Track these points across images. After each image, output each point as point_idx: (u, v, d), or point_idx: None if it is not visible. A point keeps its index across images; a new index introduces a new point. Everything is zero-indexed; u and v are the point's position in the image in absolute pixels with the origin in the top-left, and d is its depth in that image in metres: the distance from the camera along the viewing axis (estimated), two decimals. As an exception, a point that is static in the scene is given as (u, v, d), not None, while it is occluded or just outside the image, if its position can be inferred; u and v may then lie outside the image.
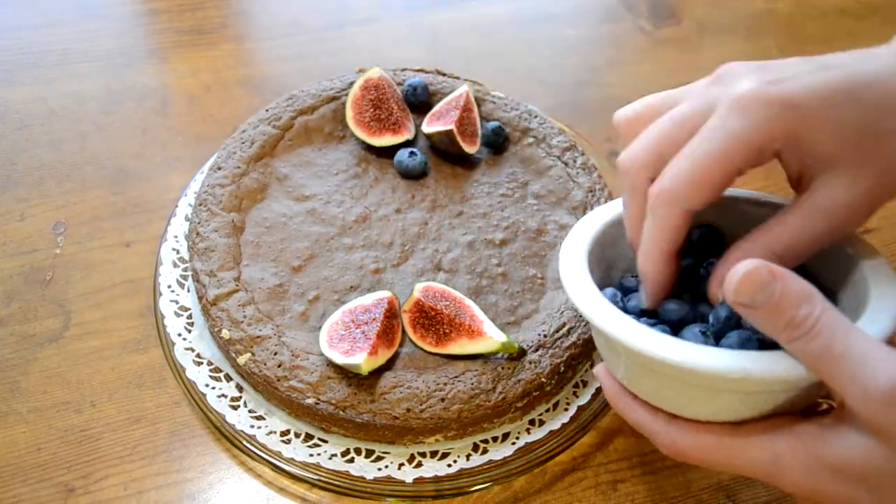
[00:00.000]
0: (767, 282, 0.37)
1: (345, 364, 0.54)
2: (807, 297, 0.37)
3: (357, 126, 0.70)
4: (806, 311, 0.37)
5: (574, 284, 0.46)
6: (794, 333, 0.37)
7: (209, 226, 0.63)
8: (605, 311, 0.44)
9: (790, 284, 0.37)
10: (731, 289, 0.37)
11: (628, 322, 0.42)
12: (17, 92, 0.83)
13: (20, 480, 0.56)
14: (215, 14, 0.93)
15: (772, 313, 0.37)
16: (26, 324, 0.64)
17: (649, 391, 0.45)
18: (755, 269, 0.37)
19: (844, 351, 0.36)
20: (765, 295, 0.37)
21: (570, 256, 0.48)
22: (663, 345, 0.40)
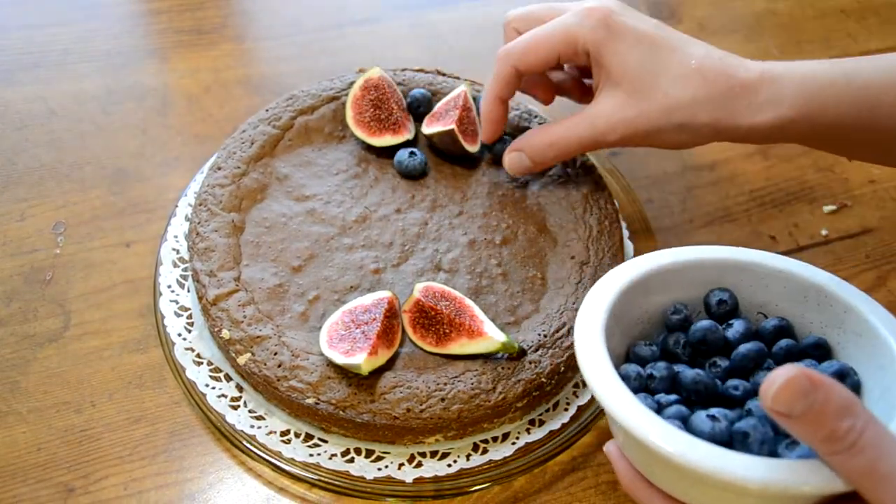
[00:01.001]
0: (807, 391, 0.35)
1: (345, 364, 0.54)
2: (849, 410, 0.35)
3: (357, 126, 0.70)
4: (848, 424, 0.35)
5: (589, 363, 0.44)
6: (835, 447, 0.35)
7: (209, 226, 0.63)
8: (623, 400, 0.42)
9: (832, 394, 0.35)
10: (770, 396, 0.35)
11: (646, 415, 0.41)
12: (17, 92, 0.83)
13: (20, 480, 0.56)
14: (215, 14, 0.93)
15: (812, 424, 0.35)
16: (26, 324, 0.64)
17: (669, 485, 0.43)
18: (795, 377, 0.35)
19: (891, 471, 0.34)
20: (805, 405, 0.35)
21: (585, 331, 0.46)
22: (686, 447, 0.39)
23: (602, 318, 0.46)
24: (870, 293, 0.69)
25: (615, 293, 0.48)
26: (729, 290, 0.51)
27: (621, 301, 0.48)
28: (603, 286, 0.49)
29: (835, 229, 0.75)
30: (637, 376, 0.46)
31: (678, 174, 0.79)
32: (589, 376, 0.43)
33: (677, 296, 0.51)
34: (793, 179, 0.79)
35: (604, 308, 0.47)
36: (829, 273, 0.49)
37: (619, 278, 0.49)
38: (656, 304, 0.51)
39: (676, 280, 0.51)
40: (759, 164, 0.80)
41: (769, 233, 0.74)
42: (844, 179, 0.79)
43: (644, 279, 0.49)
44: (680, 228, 0.74)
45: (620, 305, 0.48)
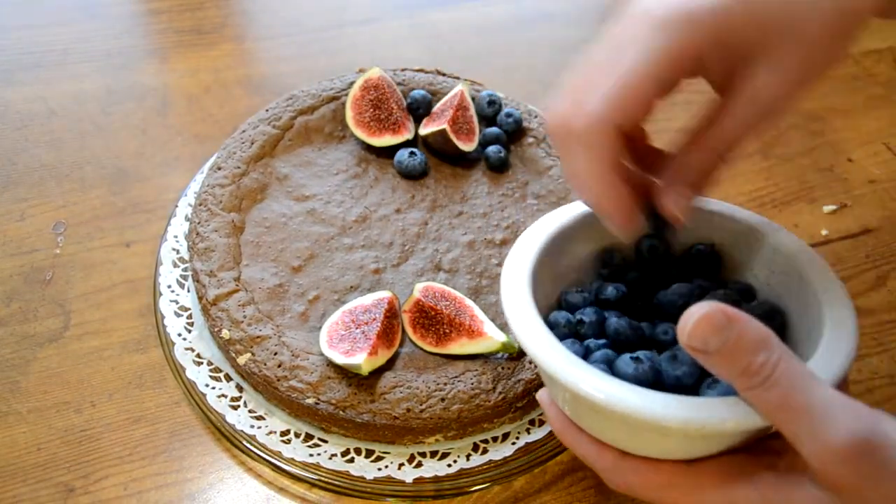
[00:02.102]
0: (722, 326, 0.35)
1: (345, 364, 0.54)
2: (764, 344, 0.35)
3: (357, 126, 0.70)
4: (763, 357, 0.35)
5: (515, 312, 0.43)
6: (750, 381, 0.36)
7: (209, 226, 0.63)
8: (548, 347, 0.41)
9: (746, 329, 0.35)
10: (686, 332, 0.35)
11: (572, 361, 0.40)
12: (17, 92, 0.83)
13: (20, 480, 0.56)
14: (215, 14, 0.93)
15: (727, 359, 0.35)
16: (26, 324, 0.64)
17: (595, 428, 0.43)
18: (710, 312, 0.35)
19: (803, 403, 0.35)
20: (719, 340, 0.35)
21: (512, 279, 0.45)
22: (608, 388, 0.39)
23: (529, 265, 0.46)
24: (870, 293, 0.69)
25: (543, 239, 0.47)
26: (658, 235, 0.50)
27: (550, 247, 0.48)
28: (532, 233, 0.48)
29: (835, 229, 0.75)
30: (566, 323, 0.46)
31: (678, 174, 0.79)
32: (513, 322, 0.43)
33: (610, 241, 0.50)
34: (793, 179, 0.79)
35: (532, 254, 0.46)
36: (762, 216, 0.49)
37: (548, 225, 0.48)
38: (588, 251, 0.51)
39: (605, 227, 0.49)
40: (759, 164, 0.80)
41: (769, 233, 0.74)
42: (844, 179, 0.79)
43: (574, 225, 0.49)
44: (680, 228, 0.74)
45: (550, 252, 0.48)
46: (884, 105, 0.87)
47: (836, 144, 0.82)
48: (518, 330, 0.43)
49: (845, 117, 0.85)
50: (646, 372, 0.41)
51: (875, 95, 0.87)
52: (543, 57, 0.91)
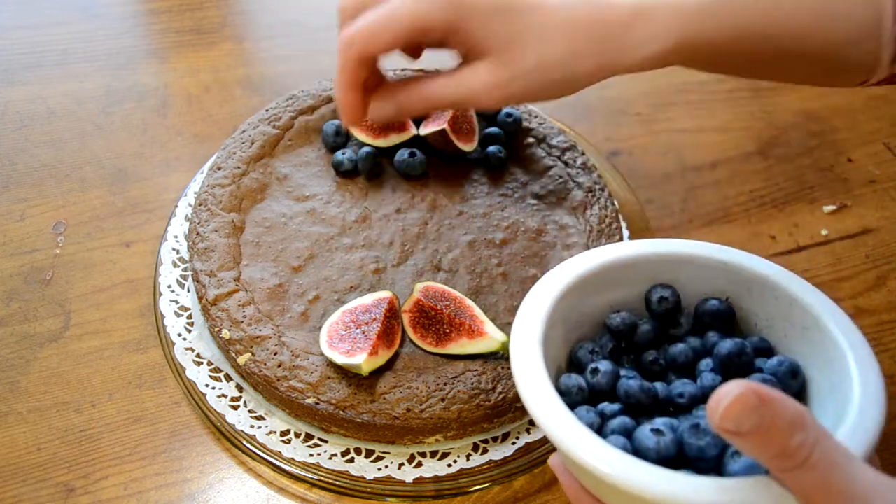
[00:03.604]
0: (756, 407, 0.34)
1: (345, 364, 0.54)
2: (800, 424, 0.34)
3: (360, 131, 0.70)
4: (799, 439, 0.34)
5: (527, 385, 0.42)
6: (786, 464, 0.34)
7: (209, 226, 0.63)
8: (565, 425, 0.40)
9: (781, 410, 0.34)
10: (718, 414, 0.34)
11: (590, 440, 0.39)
12: (17, 92, 0.83)
13: (20, 480, 0.56)
14: (215, 14, 0.93)
15: (761, 441, 0.34)
16: (26, 324, 0.64)
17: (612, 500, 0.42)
18: (743, 393, 0.34)
19: (843, 486, 0.34)
20: (753, 421, 0.34)
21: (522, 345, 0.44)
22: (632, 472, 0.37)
23: (539, 329, 0.45)
24: (870, 293, 0.69)
25: (553, 299, 0.46)
26: (671, 287, 0.49)
27: (558, 307, 0.46)
28: (538, 294, 0.47)
29: (835, 229, 0.75)
30: (578, 390, 0.45)
31: (678, 174, 0.79)
32: (525, 396, 0.42)
33: (617, 295, 0.50)
34: (793, 179, 0.79)
35: (541, 317, 0.45)
36: (774, 264, 0.48)
37: (553, 284, 0.47)
38: (595, 306, 0.50)
39: (615, 278, 0.49)
40: (759, 164, 0.80)
41: (769, 233, 0.74)
42: (844, 179, 0.79)
43: (581, 281, 0.48)
44: (680, 228, 0.74)
45: (558, 311, 0.46)
46: (884, 105, 0.87)
47: (836, 144, 0.82)
48: (531, 405, 0.41)
49: (845, 117, 0.85)
50: (668, 446, 0.40)
51: (875, 95, 0.87)
52: (543, 57, 0.91)
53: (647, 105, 0.86)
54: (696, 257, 0.49)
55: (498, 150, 0.69)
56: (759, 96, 0.87)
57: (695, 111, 0.86)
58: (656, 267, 0.49)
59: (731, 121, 0.84)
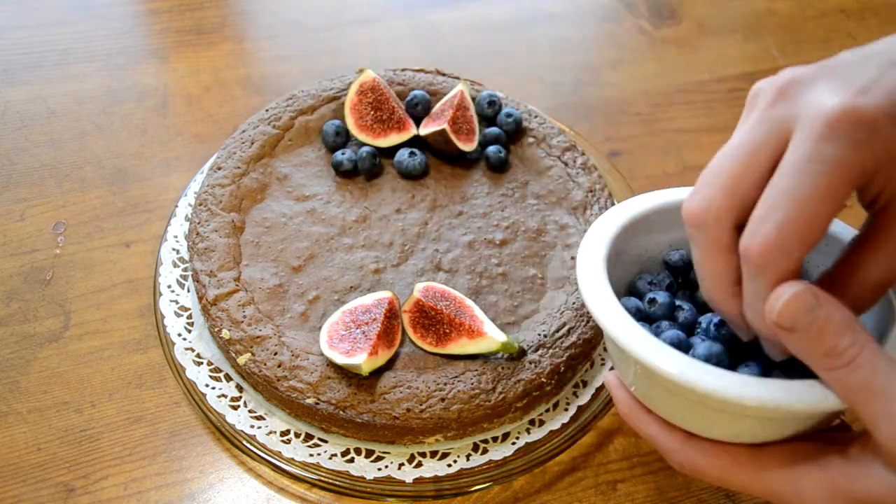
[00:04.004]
0: (812, 306, 0.35)
1: (345, 364, 0.54)
2: (850, 327, 0.36)
3: (360, 131, 0.70)
4: (848, 340, 0.36)
5: (592, 291, 0.44)
6: (834, 362, 0.36)
7: (209, 226, 0.63)
8: (624, 324, 0.42)
9: (835, 312, 0.36)
10: (775, 310, 0.36)
11: (648, 339, 0.41)
12: (17, 92, 0.83)
13: (20, 480, 0.56)
14: (215, 14, 0.93)
15: (813, 339, 0.36)
16: (26, 324, 0.64)
17: (665, 408, 0.43)
18: (801, 291, 0.35)
19: (885, 386, 0.35)
20: (808, 319, 0.35)
21: (587, 260, 0.46)
22: (685, 368, 0.39)
23: (604, 251, 0.46)
24: (870, 293, 0.69)
25: (615, 230, 0.48)
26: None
27: (620, 238, 0.48)
28: (604, 222, 0.48)
29: (835, 229, 0.74)
30: (637, 311, 0.47)
31: (678, 174, 0.79)
32: (591, 302, 0.44)
33: (677, 235, 0.51)
34: (793, 179, 0.79)
35: (605, 241, 0.47)
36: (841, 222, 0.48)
37: (617, 217, 0.49)
38: (656, 243, 0.51)
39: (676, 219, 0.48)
40: (759, 164, 0.80)
41: (769, 233, 0.74)
42: (844, 179, 0.79)
43: (642, 218, 0.49)
44: (680, 228, 0.74)
45: (619, 243, 0.48)
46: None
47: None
48: (596, 308, 0.43)
49: (845, 117, 0.85)
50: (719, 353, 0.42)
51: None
52: (543, 57, 0.91)
53: (647, 105, 0.86)
54: None
55: (498, 150, 0.70)
56: (759, 96, 0.86)
57: (695, 111, 0.86)
58: None
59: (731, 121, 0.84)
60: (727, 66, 0.91)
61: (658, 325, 0.47)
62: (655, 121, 0.84)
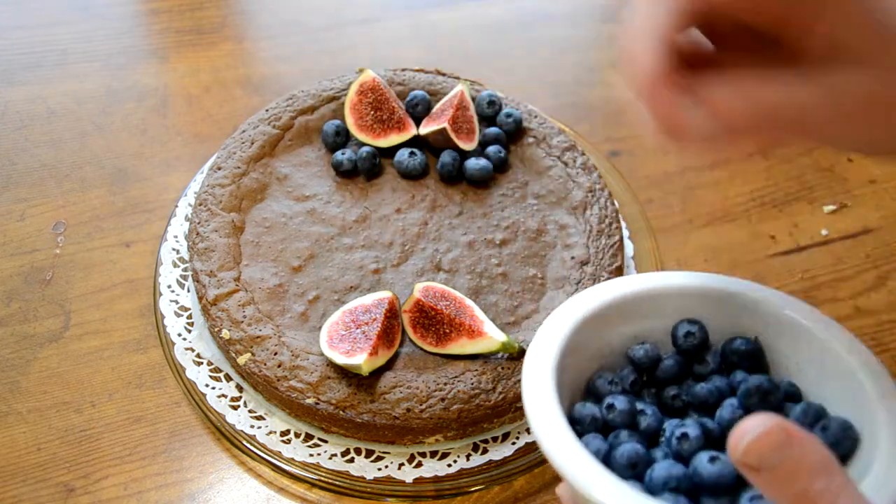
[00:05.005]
0: (782, 445, 0.32)
1: (345, 364, 0.54)
2: (825, 470, 0.32)
3: (360, 131, 0.69)
4: (822, 485, 0.32)
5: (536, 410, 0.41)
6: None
7: (209, 226, 0.63)
8: (570, 454, 0.39)
9: (809, 450, 0.32)
10: (741, 447, 0.32)
11: (594, 471, 0.38)
12: (17, 92, 0.83)
13: (20, 480, 0.56)
14: (215, 14, 0.93)
15: (782, 481, 0.32)
16: (26, 324, 0.64)
17: None
18: (770, 428, 0.32)
19: None
20: (777, 459, 0.32)
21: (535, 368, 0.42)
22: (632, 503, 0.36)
23: (555, 354, 0.43)
24: (870, 293, 0.69)
25: (571, 325, 0.45)
26: (698, 322, 0.47)
27: (579, 333, 0.45)
28: (557, 318, 0.45)
29: (835, 229, 0.75)
30: (591, 420, 0.43)
31: (678, 174, 0.79)
32: (532, 419, 0.40)
33: (643, 326, 0.48)
34: (793, 179, 0.79)
35: (557, 343, 0.44)
36: (808, 305, 0.46)
37: (575, 310, 0.45)
38: (619, 335, 0.48)
39: (641, 309, 0.47)
40: (760, 164, 0.80)
41: (769, 233, 0.74)
42: (844, 179, 0.79)
43: (604, 310, 0.46)
44: (680, 228, 0.74)
45: (577, 338, 0.45)
46: (884, 105, 0.86)
47: (836, 144, 0.82)
48: (537, 429, 0.40)
49: (845, 117, 0.85)
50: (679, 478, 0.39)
51: (875, 95, 0.87)
52: (543, 57, 0.91)
53: (647, 105, 0.86)
54: (728, 294, 0.47)
55: (498, 150, 0.69)
56: (759, 96, 0.86)
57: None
58: (685, 301, 0.47)
59: (731, 121, 0.84)
60: (727, 66, 0.91)
61: (617, 435, 0.43)
62: (655, 121, 0.84)
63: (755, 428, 0.32)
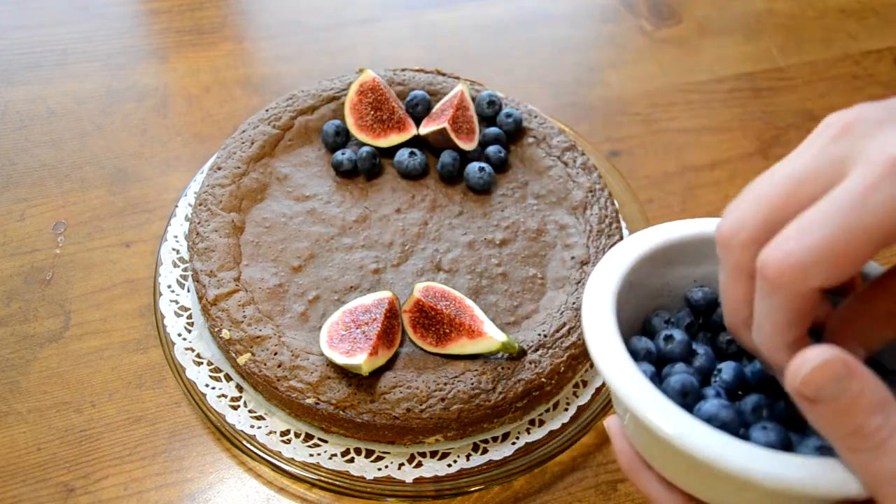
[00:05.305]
0: (842, 377, 0.31)
1: (345, 364, 0.54)
2: (883, 406, 0.31)
3: (360, 131, 0.69)
4: (879, 421, 0.31)
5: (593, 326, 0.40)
6: (861, 444, 0.31)
7: (209, 226, 0.63)
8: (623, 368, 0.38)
9: (868, 386, 0.31)
10: (799, 377, 0.31)
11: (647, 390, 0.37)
12: (17, 92, 0.83)
13: (20, 480, 0.56)
14: (215, 14, 0.93)
15: (839, 415, 0.31)
16: (26, 324, 0.64)
17: (665, 467, 0.40)
18: (830, 359, 0.31)
19: None
20: (835, 391, 0.31)
21: (595, 291, 0.42)
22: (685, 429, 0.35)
23: (615, 285, 0.42)
24: (870, 293, 0.69)
25: (634, 259, 0.44)
26: None
27: (640, 268, 0.44)
28: (621, 250, 0.44)
29: (835, 229, 0.74)
30: (646, 353, 0.43)
31: (678, 174, 0.79)
32: (592, 344, 0.40)
33: (703, 270, 0.47)
34: (793, 179, 0.79)
35: (618, 274, 0.43)
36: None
37: (639, 245, 0.44)
38: (679, 277, 0.47)
39: (704, 253, 0.46)
40: (760, 164, 0.80)
41: (769, 233, 0.74)
42: (844, 179, 0.79)
43: (668, 249, 0.45)
44: (680, 228, 0.74)
45: (638, 273, 0.44)
46: (884, 105, 0.87)
47: (836, 144, 0.82)
48: (596, 352, 0.39)
49: (845, 117, 0.85)
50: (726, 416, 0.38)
51: (875, 95, 0.87)
52: (543, 57, 0.91)
53: (647, 105, 0.86)
54: None
55: (498, 150, 0.69)
56: (759, 96, 0.87)
57: (695, 111, 0.86)
58: None
59: (731, 121, 0.84)
60: (727, 66, 0.91)
61: (671, 366, 0.43)
62: (655, 121, 0.85)
63: (815, 358, 0.31)
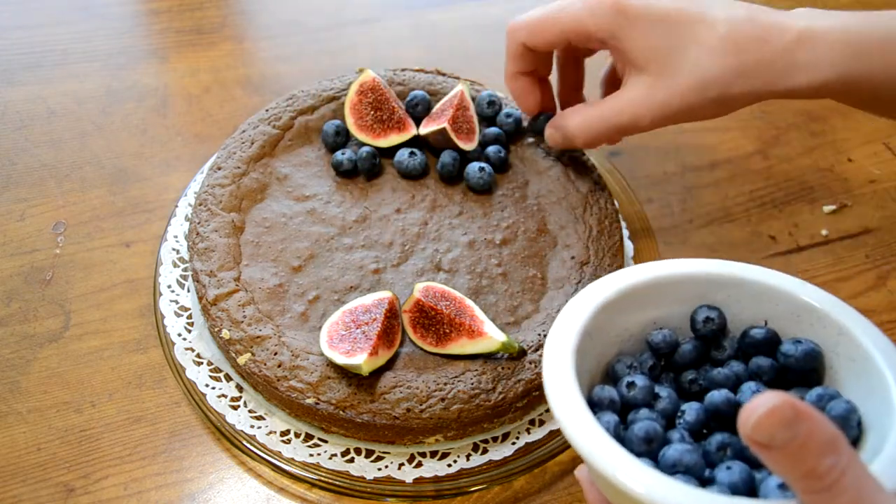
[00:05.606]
0: (791, 422, 0.32)
1: (345, 364, 0.54)
2: (833, 447, 0.32)
3: (360, 131, 0.69)
4: (831, 461, 0.32)
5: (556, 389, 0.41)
6: (814, 486, 0.33)
7: (209, 226, 0.63)
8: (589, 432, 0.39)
9: (817, 428, 0.32)
10: (750, 424, 0.33)
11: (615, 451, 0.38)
12: (17, 92, 0.83)
13: (20, 480, 0.56)
14: (215, 14, 0.93)
15: (791, 458, 0.33)
16: (26, 324, 0.64)
17: None
18: (779, 406, 0.32)
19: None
20: (787, 436, 0.32)
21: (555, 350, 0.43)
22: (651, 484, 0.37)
23: (573, 341, 0.44)
24: (870, 293, 0.70)
25: (591, 310, 0.45)
26: (717, 308, 0.48)
27: (598, 318, 0.45)
28: (578, 303, 0.46)
29: (835, 229, 0.75)
30: (609, 402, 0.44)
31: (678, 174, 0.79)
32: (554, 405, 0.41)
33: (662, 312, 0.49)
34: (793, 179, 0.79)
35: (576, 330, 0.44)
36: (824, 291, 0.46)
37: (596, 295, 0.46)
38: (638, 322, 0.48)
39: (661, 295, 0.48)
40: (760, 164, 0.80)
41: (769, 233, 0.74)
42: (844, 179, 0.79)
43: (624, 295, 0.47)
44: (680, 228, 0.74)
45: (597, 323, 0.45)
46: (884, 105, 0.87)
47: (836, 144, 0.82)
48: (558, 411, 0.40)
49: (845, 117, 0.85)
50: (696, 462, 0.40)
51: (875, 95, 0.87)
52: (543, 57, 0.91)
53: (647, 105, 0.86)
54: (746, 280, 0.47)
55: (498, 150, 0.69)
56: (759, 96, 0.87)
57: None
58: (704, 287, 0.48)
59: (731, 121, 0.84)
60: (727, 66, 0.91)
61: (636, 412, 0.44)
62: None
63: (764, 404, 0.32)
